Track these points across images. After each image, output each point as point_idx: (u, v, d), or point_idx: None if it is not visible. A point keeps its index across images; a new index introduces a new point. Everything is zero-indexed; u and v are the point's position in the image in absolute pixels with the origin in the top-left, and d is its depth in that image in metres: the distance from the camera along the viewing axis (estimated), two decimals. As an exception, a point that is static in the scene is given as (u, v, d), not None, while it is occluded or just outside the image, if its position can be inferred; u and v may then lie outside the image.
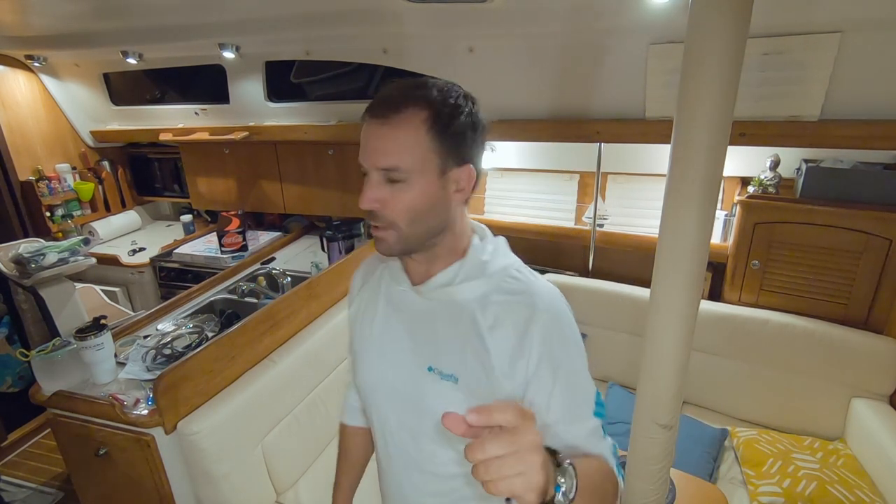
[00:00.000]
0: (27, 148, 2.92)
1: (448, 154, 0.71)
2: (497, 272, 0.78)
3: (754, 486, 1.77)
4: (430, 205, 0.73)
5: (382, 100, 0.72)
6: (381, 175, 0.72)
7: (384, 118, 0.70)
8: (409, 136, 0.70)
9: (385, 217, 0.73)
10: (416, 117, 0.69)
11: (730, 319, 2.10)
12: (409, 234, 0.74)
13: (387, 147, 0.70)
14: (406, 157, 0.70)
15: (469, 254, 0.80)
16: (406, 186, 0.71)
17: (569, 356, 0.75)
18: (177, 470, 1.58)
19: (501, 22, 1.84)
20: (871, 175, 1.85)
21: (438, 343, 0.78)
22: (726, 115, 1.16)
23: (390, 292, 0.86)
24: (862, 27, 1.56)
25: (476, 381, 0.75)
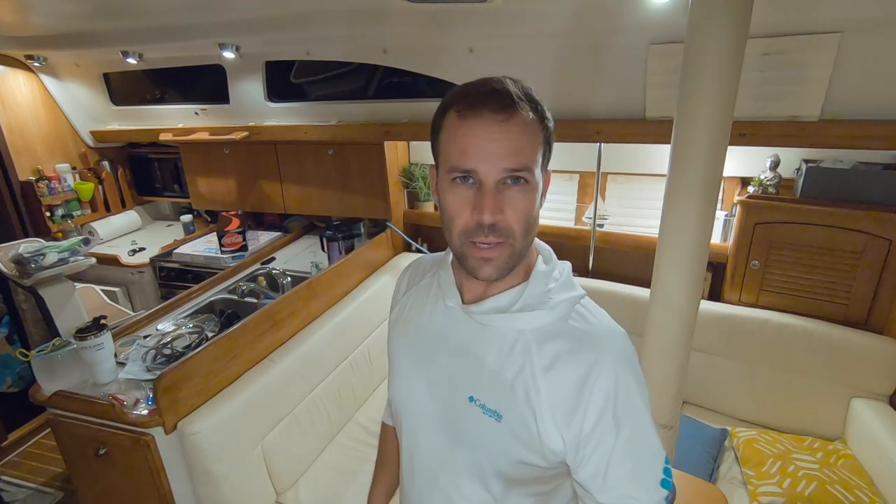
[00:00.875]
0: (27, 148, 2.92)
1: (548, 153, 0.68)
2: (561, 305, 0.70)
3: (754, 486, 1.77)
4: (538, 209, 0.67)
5: (490, 93, 0.63)
6: (500, 179, 0.63)
7: (506, 113, 0.62)
8: (531, 132, 0.64)
9: (506, 228, 0.64)
10: (528, 114, 0.64)
11: (730, 319, 2.10)
12: (523, 248, 0.67)
13: (513, 145, 0.62)
14: (531, 154, 0.64)
15: (532, 279, 0.71)
16: (528, 189, 0.64)
17: (634, 413, 0.65)
18: (177, 470, 1.58)
19: (501, 22, 1.85)
20: (871, 175, 1.85)
21: (485, 373, 0.70)
22: (726, 115, 1.16)
23: (437, 305, 0.79)
24: (862, 27, 1.56)
25: (521, 424, 0.67)
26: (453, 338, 0.75)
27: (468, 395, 0.71)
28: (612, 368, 0.65)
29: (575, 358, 0.66)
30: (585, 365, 0.65)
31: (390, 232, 2.75)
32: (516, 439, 0.68)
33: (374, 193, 2.72)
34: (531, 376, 0.67)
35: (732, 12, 1.06)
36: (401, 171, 2.77)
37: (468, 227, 0.65)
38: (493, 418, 0.69)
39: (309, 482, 1.86)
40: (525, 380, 0.67)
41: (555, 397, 0.66)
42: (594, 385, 0.64)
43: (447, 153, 0.66)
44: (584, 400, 0.64)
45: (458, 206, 0.65)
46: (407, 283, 0.90)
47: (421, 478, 0.80)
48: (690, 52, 1.12)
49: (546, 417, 0.66)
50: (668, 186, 1.31)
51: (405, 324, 0.84)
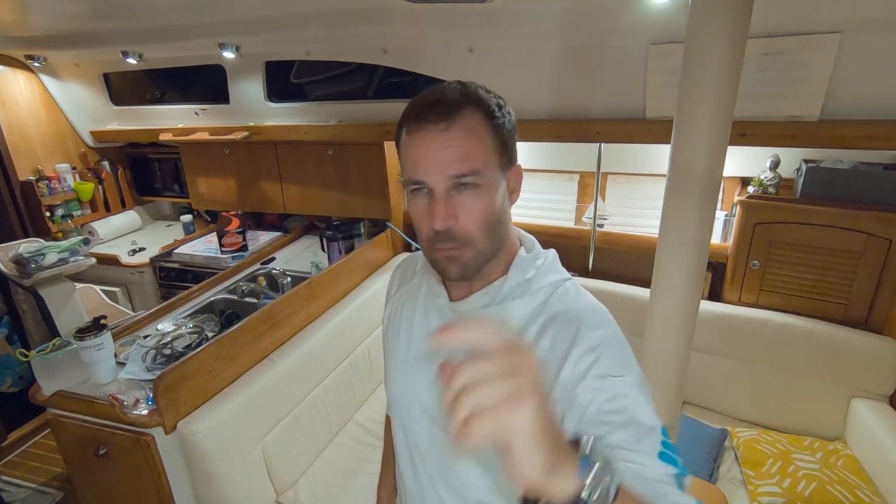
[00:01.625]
0: (27, 148, 2.92)
1: (505, 152, 0.68)
2: (542, 290, 0.72)
3: (754, 486, 1.77)
4: (501, 209, 0.69)
5: (431, 105, 0.65)
6: (450, 186, 0.65)
7: (445, 122, 0.64)
8: (476, 135, 0.65)
9: (460, 234, 0.66)
10: (475, 115, 0.66)
11: (730, 319, 2.10)
12: (486, 248, 0.68)
13: (457, 151, 0.64)
14: (479, 157, 0.65)
15: (511, 270, 0.73)
16: (481, 192, 0.65)
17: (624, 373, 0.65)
18: (177, 470, 1.58)
19: (501, 22, 1.84)
20: (871, 175, 1.85)
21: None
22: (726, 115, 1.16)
23: (427, 303, 0.81)
24: (862, 27, 1.55)
25: None
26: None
27: None
28: (596, 337, 0.66)
29: (560, 332, 0.67)
30: (569, 337, 0.66)
31: (390, 232, 2.75)
32: None
33: (374, 193, 2.72)
34: None
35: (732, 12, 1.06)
36: (401, 171, 2.76)
37: (429, 235, 0.68)
38: None
39: (309, 482, 1.86)
40: None
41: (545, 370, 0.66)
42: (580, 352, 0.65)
43: (404, 167, 0.70)
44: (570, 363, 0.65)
45: (418, 215, 0.69)
46: (399, 282, 0.92)
47: (425, 474, 0.81)
48: (690, 52, 1.12)
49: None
50: (668, 186, 1.31)
51: (399, 322, 0.86)
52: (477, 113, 0.66)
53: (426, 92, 0.69)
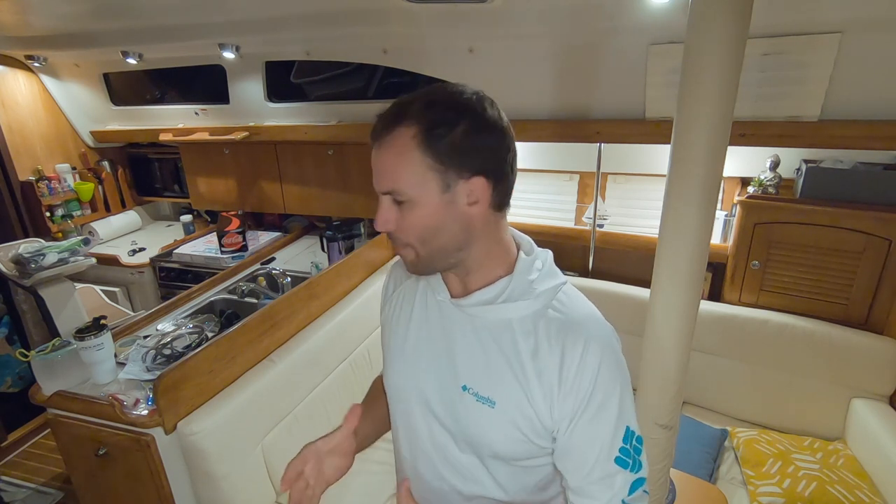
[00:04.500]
0: (27, 148, 2.92)
1: (448, 169, 0.67)
2: (544, 293, 0.74)
3: (754, 486, 1.77)
4: (440, 223, 0.70)
5: (379, 119, 0.70)
6: (388, 197, 0.71)
7: (379, 141, 0.70)
8: (400, 156, 0.67)
9: (400, 238, 0.73)
10: (405, 135, 0.67)
11: (730, 319, 2.10)
12: (426, 254, 0.73)
13: (384, 170, 0.69)
14: (402, 177, 0.68)
15: (516, 271, 0.75)
16: (410, 206, 0.69)
17: (606, 391, 0.70)
18: (177, 470, 1.58)
19: (501, 22, 1.84)
20: (871, 175, 1.85)
21: (476, 363, 0.75)
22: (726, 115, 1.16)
23: (427, 299, 0.83)
24: (862, 27, 1.55)
25: (515, 408, 0.72)
26: (444, 330, 0.79)
27: (461, 384, 0.76)
28: (596, 351, 0.70)
29: (559, 342, 0.70)
30: (569, 348, 0.70)
31: (390, 232, 2.75)
32: (511, 422, 0.72)
33: (373, 193, 2.64)
34: (518, 363, 0.72)
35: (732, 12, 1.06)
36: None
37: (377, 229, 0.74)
38: (487, 405, 0.73)
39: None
40: (514, 366, 0.72)
41: (543, 379, 0.70)
42: (578, 365, 0.69)
43: None
44: (565, 379, 0.70)
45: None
46: (394, 282, 0.93)
47: (425, 465, 0.83)
48: (690, 52, 1.12)
49: (538, 398, 0.71)
50: (667, 186, 1.31)
51: (397, 320, 0.88)
52: (408, 131, 0.67)
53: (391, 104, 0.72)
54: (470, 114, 0.68)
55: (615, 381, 0.71)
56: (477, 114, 0.68)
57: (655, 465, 1.31)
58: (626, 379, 0.73)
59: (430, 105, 0.68)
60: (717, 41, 1.08)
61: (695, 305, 1.33)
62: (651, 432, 1.29)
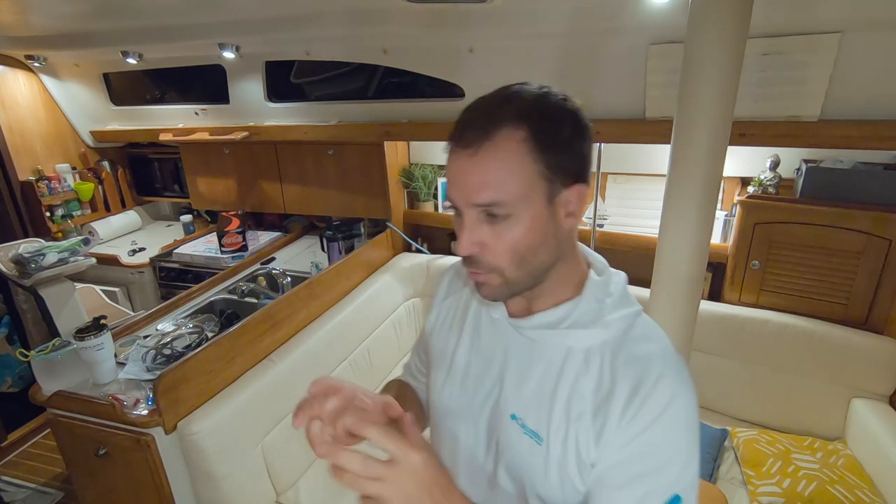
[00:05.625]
0: (27, 148, 2.92)
1: (556, 175, 0.60)
2: (616, 323, 0.65)
3: (754, 486, 1.77)
4: (541, 239, 0.61)
5: (468, 124, 0.60)
6: (478, 213, 0.60)
7: (475, 146, 0.58)
8: (509, 164, 0.58)
9: (486, 262, 0.62)
10: (512, 139, 0.58)
11: (730, 319, 2.10)
12: (516, 278, 0.63)
13: (483, 180, 0.58)
14: (508, 188, 0.58)
15: (585, 294, 0.67)
16: (511, 223, 0.59)
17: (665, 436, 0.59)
18: (177, 470, 1.58)
19: (501, 22, 1.84)
20: (871, 175, 1.85)
21: (527, 390, 0.67)
22: (726, 115, 1.16)
23: (481, 315, 0.76)
24: (862, 27, 1.55)
25: (563, 447, 0.63)
26: (497, 351, 0.72)
27: (510, 412, 0.68)
28: (667, 393, 0.60)
29: (629, 379, 0.61)
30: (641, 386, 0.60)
31: (390, 232, 2.75)
32: (558, 463, 0.64)
33: (374, 193, 2.72)
34: (579, 398, 0.63)
35: (732, 12, 1.06)
36: (401, 171, 2.77)
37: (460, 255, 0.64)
38: (534, 440, 0.65)
39: (309, 482, 1.86)
40: (572, 401, 0.63)
41: (599, 418, 0.61)
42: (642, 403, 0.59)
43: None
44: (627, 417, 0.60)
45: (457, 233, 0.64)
46: (447, 289, 0.86)
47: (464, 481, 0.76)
48: (690, 52, 1.12)
49: (591, 442, 0.61)
50: (668, 186, 1.31)
51: (447, 330, 0.81)
52: (516, 133, 0.58)
53: (472, 104, 0.62)
54: (571, 114, 0.61)
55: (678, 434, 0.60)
56: (578, 114, 0.62)
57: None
58: (691, 437, 0.61)
59: (535, 104, 0.60)
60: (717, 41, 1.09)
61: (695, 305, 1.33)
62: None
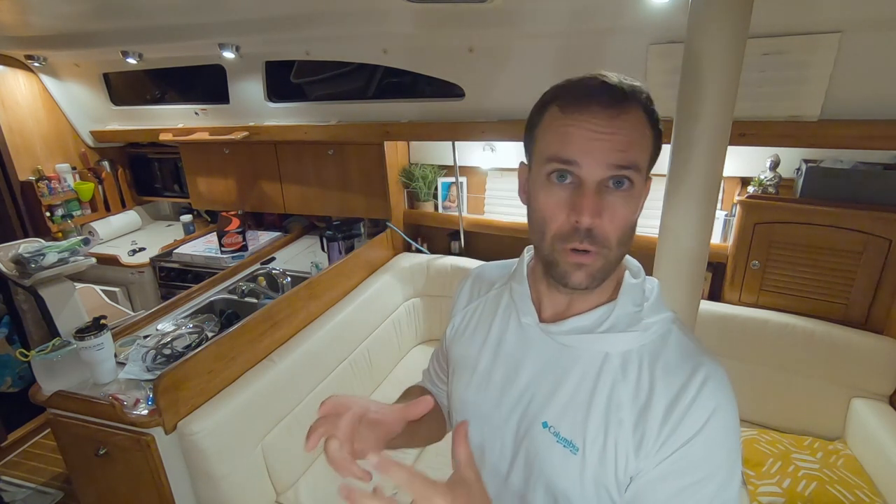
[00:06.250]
0: (27, 148, 2.92)
1: (651, 162, 0.62)
2: (654, 326, 0.63)
3: (754, 486, 1.77)
4: (636, 221, 0.63)
5: (601, 86, 0.58)
6: (603, 179, 0.58)
7: (617, 109, 0.57)
8: (641, 133, 0.59)
9: (600, 236, 0.59)
10: (639, 111, 0.59)
11: (730, 319, 2.10)
12: (615, 259, 0.61)
13: (625, 140, 0.57)
14: (642, 154, 0.59)
15: (622, 297, 0.65)
16: (632, 194, 0.59)
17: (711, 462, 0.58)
18: (177, 470, 1.58)
19: (501, 22, 1.84)
20: (871, 175, 1.85)
21: (562, 398, 0.64)
22: (726, 115, 1.16)
23: (510, 320, 0.73)
24: (862, 27, 1.55)
25: (599, 457, 0.61)
26: (528, 358, 0.69)
27: (542, 420, 0.66)
28: (710, 404, 0.58)
29: (671, 382, 0.59)
30: (685, 388, 0.59)
31: (390, 232, 2.75)
32: (594, 474, 0.62)
33: (374, 193, 2.72)
34: (617, 406, 0.61)
35: (732, 12, 1.06)
36: (401, 171, 2.77)
37: (562, 231, 0.60)
38: (569, 449, 0.63)
39: (309, 482, 1.86)
40: (609, 409, 0.61)
41: (640, 425, 0.59)
42: (688, 406, 0.58)
43: (545, 144, 0.62)
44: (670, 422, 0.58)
45: (552, 207, 0.60)
46: (469, 294, 0.84)
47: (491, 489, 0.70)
48: (690, 52, 1.12)
49: (631, 452, 0.60)
50: (668, 186, 1.31)
51: (471, 334, 0.78)
52: (639, 109, 0.59)
53: (583, 76, 0.61)
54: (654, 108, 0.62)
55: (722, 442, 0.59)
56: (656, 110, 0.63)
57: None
58: (734, 446, 0.60)
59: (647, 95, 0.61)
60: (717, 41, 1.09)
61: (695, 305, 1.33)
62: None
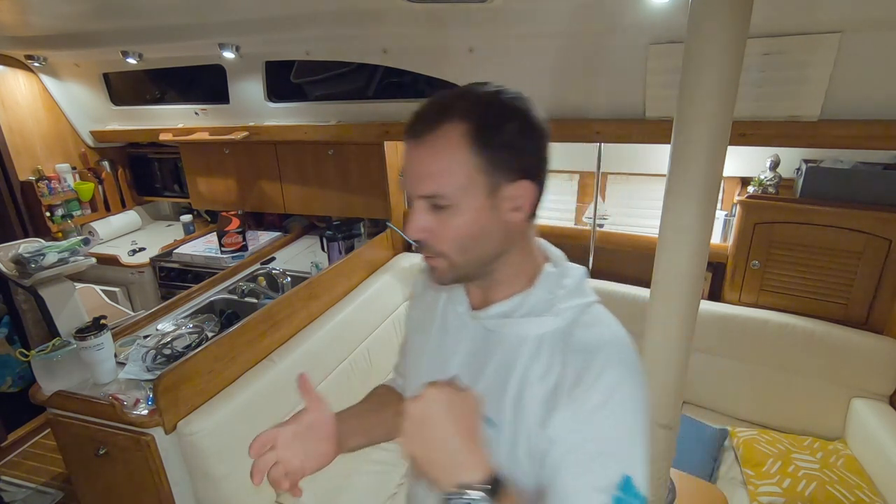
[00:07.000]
0: (27, 148, 2.92)
1: (497, 170, 0.63)
2: (567, 312, 0.68)
3: (754, 486, 1.77)
4: (482, 230, 0.65)
5: (418, 117, 0.65)
6: (425, 202, 0.65)
7: (420, 138, 0.63)
8: (449, 156, 0.62)
9: (433, 247, 0.67)
10: (454, 132, 0.62)
11: (730, 319, 2.10)
12: (461, 263, 0.68)
13: (427, 171, 0.63)
14: (448, 180, 0.63)
15: (538, 284, 0.70)
16: (453, 212, 0.64)
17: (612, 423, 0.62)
18: (177, 470, 1.58)
19: (501, 22, 1.84)
20: (871, 175, 1.85)
21: (485, 379, 0.70)
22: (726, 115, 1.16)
23: (447, 311, 0.80)
24: (862, 27, 1.55)
25: (514, 434, 0.66)
26: (461, 342, 0.75)
27: None
28: (611, 382, 0.62)
29: (575, 366, 0.63)
30: (585, 373, 0.63)
31: (390, 232, 2.75)
32: (508, 448, 0.67)
33: (374, 193, 2.72)
34: (529, 385, 0.66)
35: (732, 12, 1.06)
36: (401, 171, 2.77)
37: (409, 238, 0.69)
38: (490, 427, 0.68)
39: (309, 482, 1.85)
40: (523, 388, 0.66)
41: (549, 404, 0.64)
42: (587, 391, 0.62)
43: None
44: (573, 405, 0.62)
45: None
46: (421, 288, 0.90)
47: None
48: (690, 52, 1.12)
49: (540, 428, 0.64)
50: (668, 186, 1.31)
51: (420, 328, 0.85)
52: (459, 127, 0.62)
53: (428, 99, 0.67)
54: (521, 113, 0.65)
55: (625, 418, 0.62)
56: (527, 113, 0.65)
57: (655, 464, 1.31)
58: (641, 424, 0.63)
59: (481, 102, 0.64)
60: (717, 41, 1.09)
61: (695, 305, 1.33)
62: (651, 432, 1.29)
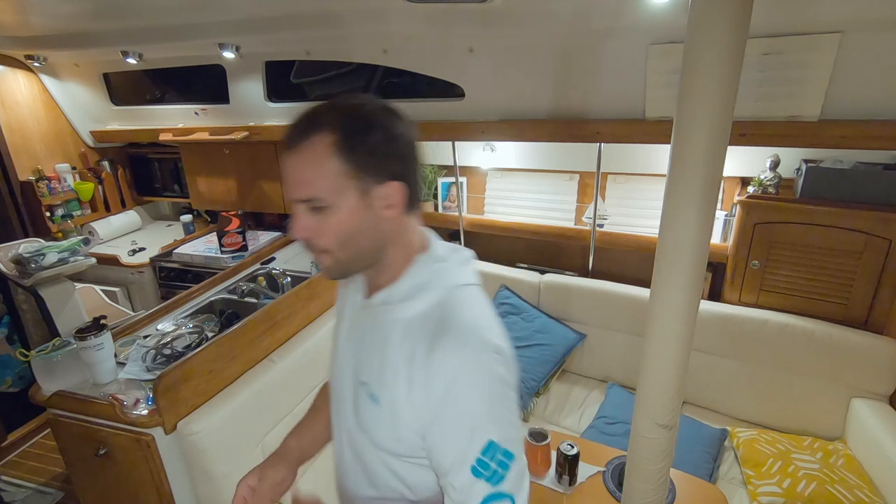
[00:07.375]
0: (27, 148, 2.92)
1: (365, 174, 0.70)
2: (435, 292, 0.76)
3: (754, 486, 1.77)
4: (358, 226, 0.72)
5: (293, 128, 0.71)
6: (304, 205, 0.71)
7: (295, 148, 0.70)
8: (318, 163, 0.69)
9: (317, 245, 0.74)
10: (322, 142, 0.68)
11: (730, 319, 2.10)
12: (344, 258, 0.75)
13: (302, 178, 0.70)
14: (320, 184, 0.69)
15: (409, 272, 0.78)
16: (330, 212, 0.70)
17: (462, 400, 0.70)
18: (177, 470, 1.58)
19: (501, 22, 1.84)
20: (871, 175, 1.85)
21: (373, 360, 0.79)
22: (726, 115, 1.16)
23: (353, 300, 0.89)
24: (862, 27, 1.56)
25: (392, 406, 0.75)
26: (359, 329, 0.85)
27: (361, 378, 0.81)
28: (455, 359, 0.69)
29: (428, 347, 0.71)
30: (435, 353, 0.70)
31: (390, 232, 2.75)
32: (388, 423, 0.76)
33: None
34: (398, 364, 0.74)
35: (732, 12, 1.06)
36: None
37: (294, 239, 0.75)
38: (373, 402, 0.77)
39: (308, 482, 1.85)
40: (395, 366, 0.74)
41: (414, 383, 0.72)
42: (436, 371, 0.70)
43: None
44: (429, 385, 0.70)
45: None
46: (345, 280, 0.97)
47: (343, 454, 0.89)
48: (690, 52, 1.12)
49: (407, 400, 0.73)
50: (668, 186, 1.31)
51: (340, 314, 0.94)
52: (327, 137, 0.68)
53: (304, 110, 0.73)
54: (384, 122, 0.71)
55: (473, 391, 0.70)
56: (390, 122, 0.72)
57: (655, 464, 1.31)
58: (493, 392, 0.70)
59: (347, 113, 0.70)
60: (717, 41, 1.09)
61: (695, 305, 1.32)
62: (651, 432, 1.29)
